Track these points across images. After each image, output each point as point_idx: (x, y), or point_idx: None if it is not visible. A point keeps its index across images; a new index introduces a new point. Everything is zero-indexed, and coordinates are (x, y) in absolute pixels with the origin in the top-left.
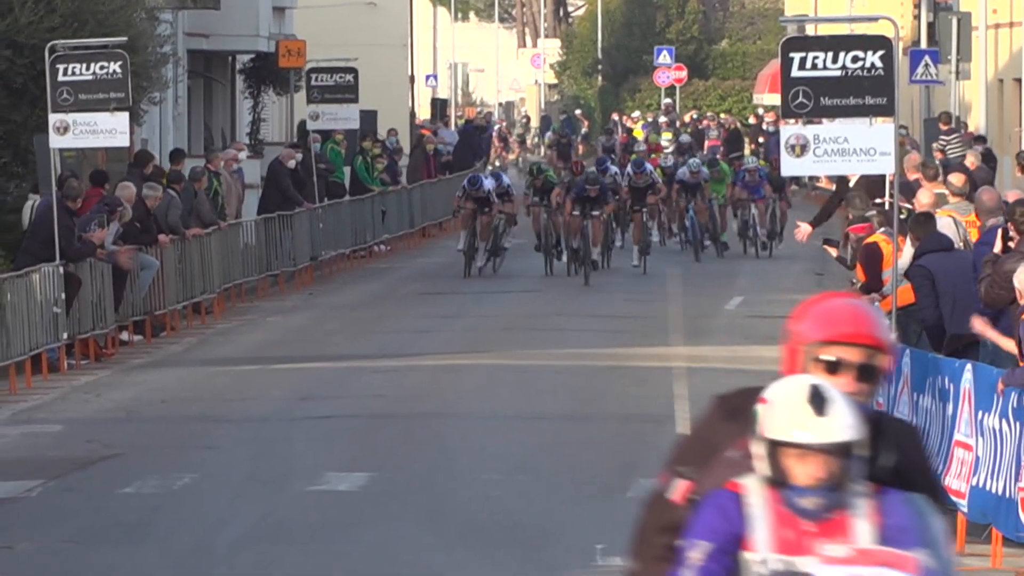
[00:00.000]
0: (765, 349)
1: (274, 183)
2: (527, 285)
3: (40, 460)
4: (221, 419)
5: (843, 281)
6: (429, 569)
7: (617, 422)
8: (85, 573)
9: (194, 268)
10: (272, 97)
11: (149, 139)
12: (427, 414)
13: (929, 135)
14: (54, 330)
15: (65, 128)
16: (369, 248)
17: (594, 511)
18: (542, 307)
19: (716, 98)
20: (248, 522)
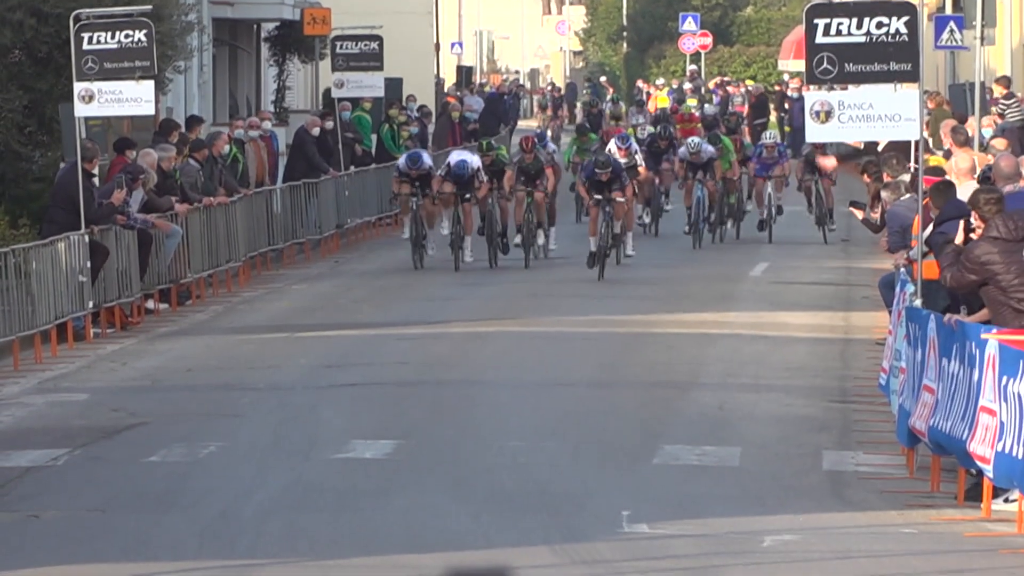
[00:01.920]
0: (790, 315)
1: (299, 151)
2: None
3: (66, 429)
4: (247, 387)
5: (869, 246)
6: (455, 535)
7: (643, 389)
8: (111, 541)
9: (219, 236)
10: (297, 65)
11: (174, 107)
12: (453, 381)
13: (955, 101)
14: (80, 299)
15: (90, 97)
16: (396, 215)
17: (620, 477)
18: (568, 274)
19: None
20: (275, 490)
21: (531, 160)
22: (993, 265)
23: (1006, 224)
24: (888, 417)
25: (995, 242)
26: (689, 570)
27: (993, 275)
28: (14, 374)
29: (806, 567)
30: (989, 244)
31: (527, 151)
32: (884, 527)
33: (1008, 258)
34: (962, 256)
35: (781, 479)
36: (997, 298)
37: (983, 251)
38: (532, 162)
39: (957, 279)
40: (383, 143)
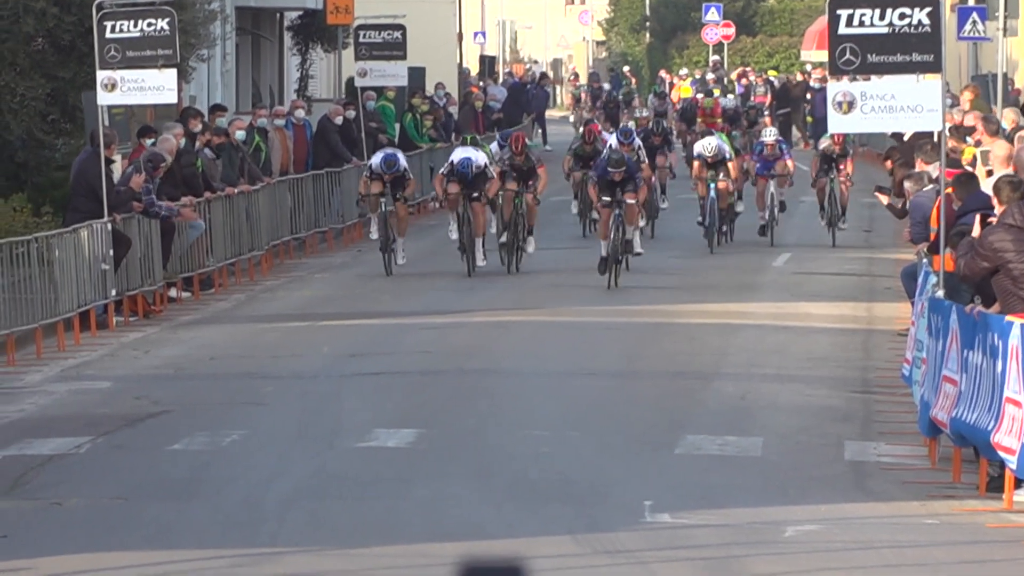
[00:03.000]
0: (812, 306)
1: (323, 139)
2: (574, 242)
3: (89, 417)
4: (270, 376)
5: (892, 237)
6: (478, 525)
7: (665, 379)
8: (134, 530)
9: (242, 225)
10: (320, 54)
11: (197, 96)
12: (475, 370)
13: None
14: (103, 287)
15: (113, 85)
16: (419, 204)
17: (643, 467)
18: (590, 263)
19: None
20: (297, 478)
21: (522, 160)
22: (1006, 252)
23: (1022, 212)
24: (910, 408)
25: (1010, 229)
26: (711, 560)
27: (1005, 263)
28: (37, 362)
29: (828, 557)
30: (1004, 231)
31: (517, 152)
32: (906, 518)
33: (1021, 247)
34: (976, 242)
35: (803, 469)
36: (1007, 287)
37: (997, 237)
38: (523, 162)
39: (970, 266)
40: (406, 132)
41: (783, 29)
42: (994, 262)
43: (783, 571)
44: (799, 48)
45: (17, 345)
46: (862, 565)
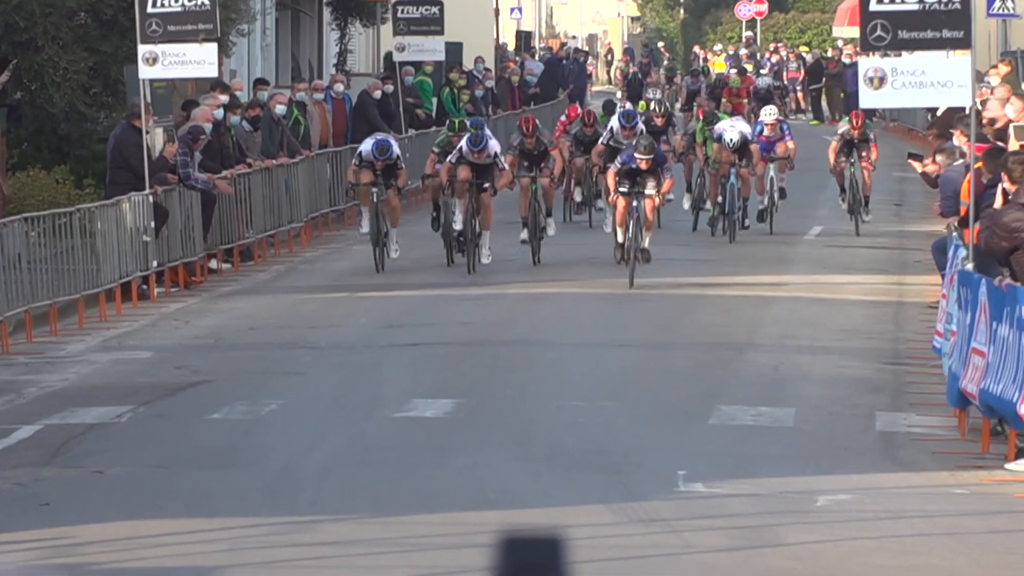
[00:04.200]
0: (844, 277)
1: (361, 113)
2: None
3: (130, 386)
4: (309, 346)
5: (922, 211)
6: (515, 494)
7: (700, 350)
8: (174, 497)
9: (281, 197)
10: (359, 29)
11: (237, 70)
12: (512, 341)
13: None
14: (144, 258)
15: (154, 59)
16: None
17: (677, 437)
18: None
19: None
20: (336, 447)
21: (532, 144)
22: (1022, 232)
23: None
24: (940, 379)
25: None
26: (744, 529)
27: (1023, 242)
28: (79, 332)
29: (859, 526)
30: (1018, 211)
31: (528, 134)
32: (936, 487)
33: None
34: (992, 221)
35: (835, 440)
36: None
37: (1012, 217)
38: (535, 145)
39: (988, 244)
40: (444, 107)
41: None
42: (1011, 242)
43: (815, 540)
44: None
45: (60, 315)
46: (893, 534)
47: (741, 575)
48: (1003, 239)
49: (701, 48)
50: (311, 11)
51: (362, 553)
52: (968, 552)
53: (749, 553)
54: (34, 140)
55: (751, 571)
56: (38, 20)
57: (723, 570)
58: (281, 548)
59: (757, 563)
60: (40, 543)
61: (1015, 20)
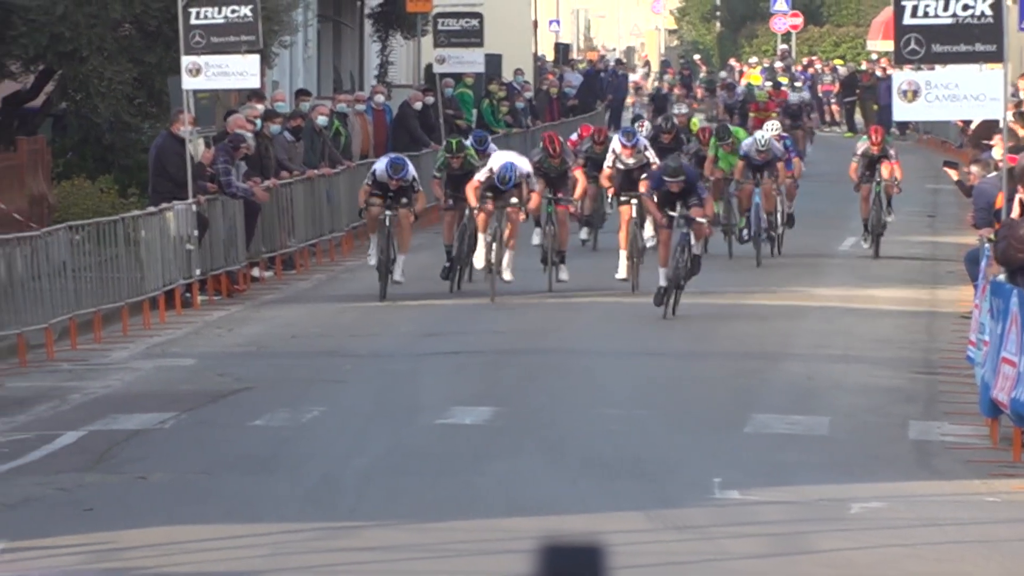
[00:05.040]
0: (879, 289)
1: (402, 124)
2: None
3: (173, 393)
4: (349, 354)
5: (954, 222)
6: (552, 500)
7: (734, 359)
8: (216, 503)
9: (323, 207)
10: (399, 41)
11: (280, 81)
12: (549, 350)
13: None
14: (187, 266)
15: (197, 70)
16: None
17: (712, 445)
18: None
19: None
20: (376, 454)
21: (558, 163)
22: None
23: None
24: (972, 389)
25: None
26: (779, 536)
27: None
28: (123, 339)
29: (892, 534)
30: None
31: (554, 154)
32: (968, 496)
33: None
34: (1009, 233)
35: (868, 448)
36: None
37: None
38: (559, 165)
39: (1005, 255)
40: (483, 118)
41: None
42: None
43: (849, 547)
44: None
45: (104, 323)
46: (926, 541)
47: None
48: (1019, 251)
49: (737, 61)
50: (353, 23)
51: (401, 559)
52: (1000, 559)
53: (783, 560)
54: (79, 150)
55: None
56: (83, 31)
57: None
58: (321, 553)
59: (791, 570)
60: (83, 548)
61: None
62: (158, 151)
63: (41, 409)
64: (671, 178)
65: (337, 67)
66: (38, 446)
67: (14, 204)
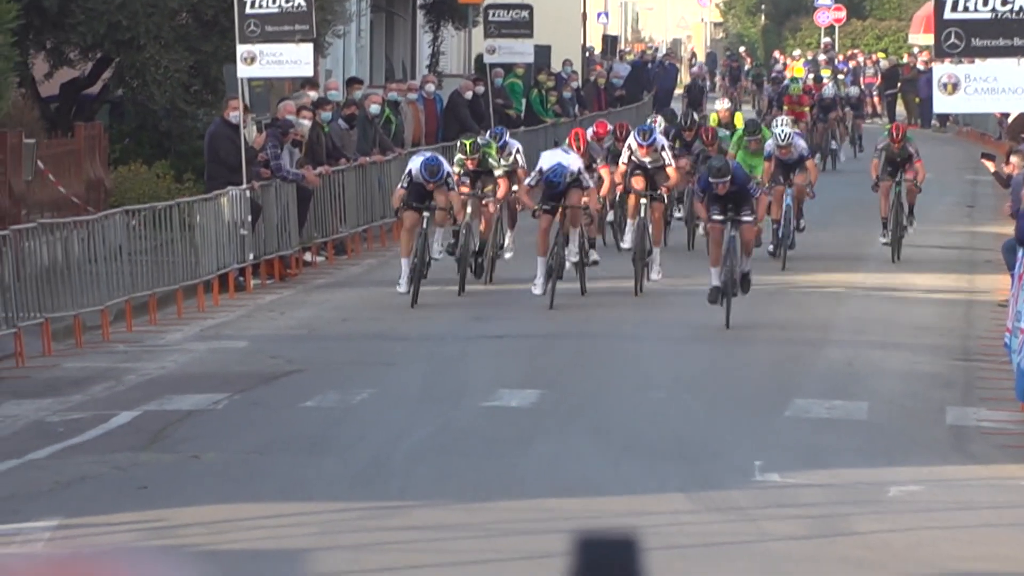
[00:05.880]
0: (917, 276)
1: (453, 113)
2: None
3: (226, 375)
4: (399, 337)
5: (992, 212)
6: (596, 481)
7: (776, 345)
8: (268, 482)
9: (374, 193)
10: (451, 31)
11: (333, 70)
12: (594, 334)
13: None
14: (241, 251)
15: (252, 59)
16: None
17: (753, 429)
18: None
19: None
20: (424, 436)
21: (586, 160)
22: None
23: None
24: (1010, 375)
25: None
26: (818, 518)
27: None
28: (178, 322)
29: (929, 517)
30: None
31: (581, 152)
32: (1004, 480)
33: None
34: None
35: (907, 433)
36: None
37: None
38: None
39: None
40: (532, 107)
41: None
42: None
43: (886, 529)
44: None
45: (159, 305)
46: (962, 524)
47: (814, 563)
48: None
49: (781, 53)
50: (405, 14)
51: (448, 538)
52: None
53: (822, 542)
54: (136, 136)
55: (824, 559)
56: (141, 20)
57: (797, 558)
58: (371, 532)
59: (830, 552)
60: (137, 525)
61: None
62: (211, 137)
63: (97, 389)
64: (717, 179)
65: (389, 56)
66: (94, 425)
67: (71, 188)
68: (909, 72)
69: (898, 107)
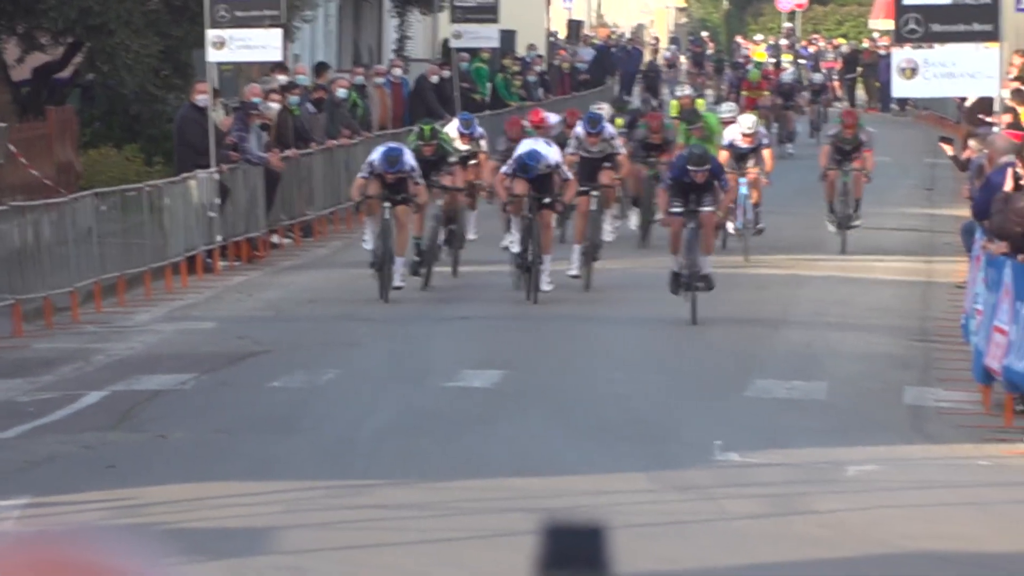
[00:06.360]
0: (875, 259)
1: (419, 97)
2: None
3: (194, 355)
4: (364, 319)
5: (950, 196)
6: (558, 461)
7: (736, 326)
8: (235, 462)
9: (340, 176)
10: (417, 16)
11: (301, 55)
12: (557, 316)
13: None
14: (209, 233)
15: (222, 43)
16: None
17: (713, 409)
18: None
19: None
20: (389, 415)
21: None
22: None
23: None
24: (966, 356)
25: None
26: (777, 497)
27: None
28: (146, 303)
29: (887, 496)
30: None
31: (515, 138)
32: (960, 459)
33: None
34: (1007, 206)
35: (865, 413)
36: None
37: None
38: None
39: (1002, 228)
40: (497, 91)
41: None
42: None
43: (844, 508)
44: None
45: (128, 287)
46: (919, 503)
47: (774, 541)
48: (1017, 224)
49: (744, 38)
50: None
51: (413, 516)
52: (991, 521)
53: (781, 520)
54: (106, 120)
55: (783, 537)
56: (112, 5)
57: (756, 536)
58: (336, 511)
59: (789, 530)
60: (106, 503)
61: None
62: (180, 121)
63: (66, 370)
64: (696, 167)
65: (356, 41)
66: (63, 405)
67: (43, 172)
68: (869, 57)
69: (858, 91)
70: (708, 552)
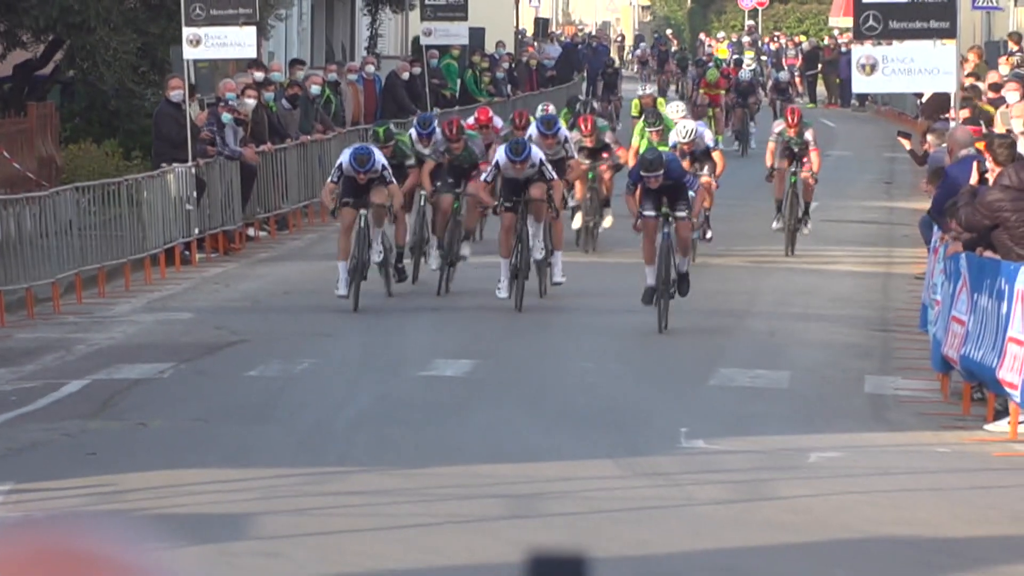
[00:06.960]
0: (836, 250)
1: (391, 93)
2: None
3: (172, 345)
4: (339, 309)
5: (909, 189)
6: (529, 448)
7: (702, 316)
8: (213, 449)
9: (315, 170)
10: (388, 14)
11: (275, 52)
12: (528, 307)
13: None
14: (187, 225)
15: (197, 41)
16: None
17: (680, 397)
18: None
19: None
20: (364, 404)
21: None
22: (1003, 212)
23: (1018, 174)
24: (925, 345)
25: (1006, 190)
26: (741, 483)
27: (1004, 221)
28: (126, 294)
29: (848, 481)
30: (1000, 191)
31: (453, 138)
32: (920, 446)
33: (1017, 205)
34: (976, 200)
35: (827, 401)
36: (1005, 243)
37: (995, 197)
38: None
39: (970, 221)
40: (466, 87)
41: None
42: (993, 220)
43: (807, 494)
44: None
45: (108, 278)
46: (880, 489)
47: (739, 527)
48: (985, 217)
49: (707, 36)
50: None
51: (387, 502)
52: (950, 507)
53: (746, 506)
54: (86, 115)
55: (748, 523)
56: (91, 3)
57: (722, 522)
58: (312, 497)
59: (754, 515)
60: (86, 490)
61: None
62: (156, 116)
63: (48, 359)
64: (648, 172)
65: (329, 39)
66: (44, 394)
67: (24, 165)
68: (830, 54)
69: (819, 87)
70: (675, 537)
